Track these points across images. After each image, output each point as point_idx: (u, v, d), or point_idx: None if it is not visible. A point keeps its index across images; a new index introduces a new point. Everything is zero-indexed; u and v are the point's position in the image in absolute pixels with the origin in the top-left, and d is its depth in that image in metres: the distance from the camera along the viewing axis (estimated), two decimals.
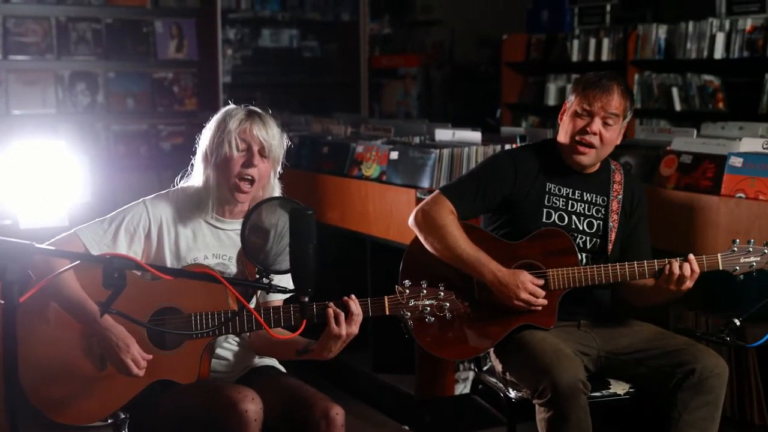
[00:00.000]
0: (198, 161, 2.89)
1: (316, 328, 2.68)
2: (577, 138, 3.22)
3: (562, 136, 3.29)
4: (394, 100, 9.68)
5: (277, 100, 7.89)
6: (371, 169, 4.61)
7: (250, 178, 2.80)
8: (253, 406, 2.57)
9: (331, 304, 2.66)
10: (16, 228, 3.84)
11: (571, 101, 3.26)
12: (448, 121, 5.32)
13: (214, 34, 7.58)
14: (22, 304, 1.85)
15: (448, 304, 2.75)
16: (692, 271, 3.07)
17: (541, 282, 3.14)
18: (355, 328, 2.67)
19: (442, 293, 2.75)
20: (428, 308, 2.73)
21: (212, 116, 2.93)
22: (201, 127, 2.97)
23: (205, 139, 2.87)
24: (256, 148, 2.80)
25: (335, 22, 8.68)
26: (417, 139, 4.85)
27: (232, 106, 2.89)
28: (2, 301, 1.82)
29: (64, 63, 7.19)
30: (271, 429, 2.75)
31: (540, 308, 3.15)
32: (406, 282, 2.75)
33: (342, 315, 2.65)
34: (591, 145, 3.22)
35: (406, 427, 4.39)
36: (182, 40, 7.63)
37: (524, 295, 3.12)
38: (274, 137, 2.83)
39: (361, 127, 5.31)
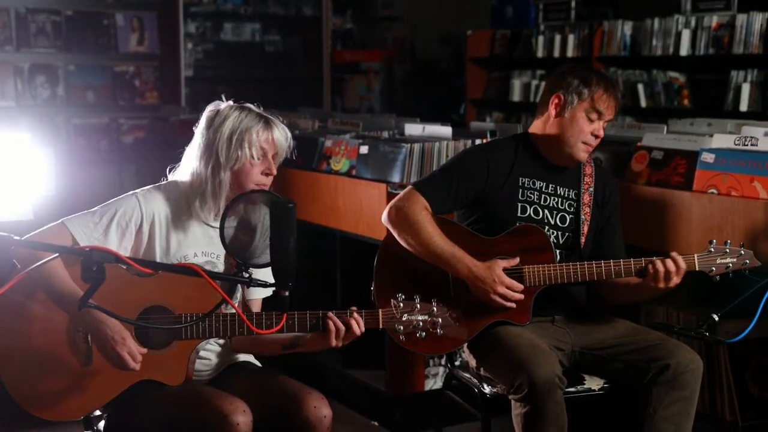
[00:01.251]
0: (196, 158, 2.82)
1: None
2: (583, 138, 3.22)
3: (564, 134, 3.24)
4: (356, 95, 9.68)
5: (240, 94, 7.83)
6: (340, 164, 4.58)
7: (265, 185, 2.80)
8: (243, 418, 2.55)
9: (332, 316, 2.68)
10: None
11: (580, 96, 3.21)
12: (412, 116, 5.30)
13: (176, 28, 7.56)
14: (2, 296, 1.80)
15: (440, 320, 2.76)
16: (678, 267, 3.07)
17: (517, 261, 3.15)
18: (349, 340, 2.72)
19: (435, 308, 2.76)
20: (421, 323, 2.76)
21: (174, 109, 2.87)
22: (163, 120, 2.91)
23: (213, 138, 2.79)
24: (271, 154, 2.81)
25: (298, 16, 8.68)
26: (386, 134, 4.82)
27: (232, 104, 2.84)
28: None
29: (23, 55, 7.13)
30: (255, 425, 2.70)
31: (514, 304, 3.14)
32: (400, 296, 2.76)
33: (343, 330, 2.68)
34: (592, 144, 3.26)
35: (376, 423, 4.38)
36: (143, 33, 7.59)
37: (501, 289, 3.10)
38: (287, 143, 2.85)
39: (329, 122, 5.28)
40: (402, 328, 2.75)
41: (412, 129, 4.68)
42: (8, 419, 2.12)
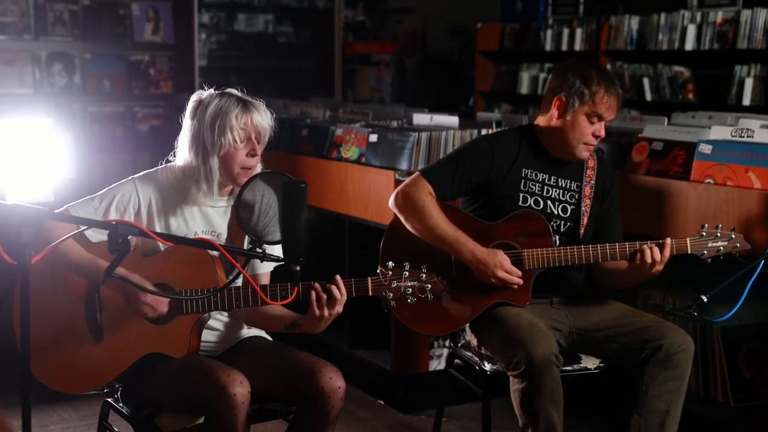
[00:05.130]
0: (186, 145, 2.91)
1: (306, 304, 2.78)
2: (585, 140, 3.30)
3: (566, 134, 3.31)
4: (367, 87, 9.74)
5: (252, 84, 7.93)
6: (350, 152, 4.69)
7: (252, 166, 2.87)
8: (240, 389, 2.63)
9: (316, 285, 2.73)
10: None
11: (580, 98, 3.26)
12: (421, 107, 5.40)
13: (191, 18, 7.60)
14: (35, 265, 1.93)
15: (429, 286, 2.82)
16: (662, 255, 3.17)
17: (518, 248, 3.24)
18: (338, 308, 2.75)
19: (424, 275, 2.81)
20: (410, 289, 2.81)
21: (188, 98, 2.96)
22: (177, 109, 3.01)
23: (198, 126, 2.86)
24: (254, 136, 2.87)
25: (310, 8, 8.73)
26: (395, 123, 4.93)
27: (213, 92, 2.91)
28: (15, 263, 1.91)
29: (41, 44, 7.19)
30: (268, 398, 2.83)
31: (516, 287, 3.25)
32: (390, 263, 2.82)
33: (324, 298, 2.72)
34: (593, 144, 3.34)
35: (381, 402, 4.48)
36: (158, 23, 7.65)
37: (501, 274, 3.21)
38: (269, 124, 2.91)
39: (339, 111, 5.39)
40: (391, 294, 2.79)
41: (420, 119, 4.78)
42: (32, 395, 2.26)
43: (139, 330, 2.77)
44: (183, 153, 2.93)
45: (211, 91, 2.92)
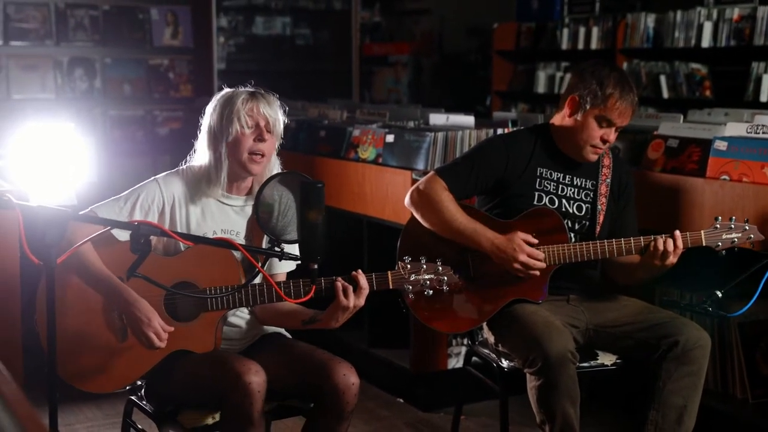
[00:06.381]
0: (202, 142, 3.00)
1: (323, 301, 2.82)
2: (592, 143, 3.32)
3: (575, 134, 3.33)
4: (384, 87, 9.77)
5: (270, 86, 7.97)
6: (367, 152, 4.73)
7: (261, 153, 2.92)
8: (256, 378, 2.68)
9: (339, 278, 2.79)
10: None
11: (592, 101, 3.27)
12: (438, 107, 5.43)
13: (209, 22, 7.65)
14: (59, 265, 1.98)
15: (445, 278, 2.88)
16: (675, 246, 3.19)
17: (536, 242, 3.25)
18: (361, 300, 2.81)
19: (440, 268, 2.88)
20: (428, 282, 2.87)
21: (207, 101, 3.05)
22: (197, 112, 3.08)
23: (210, 119, 2.98)
24: (263, 124, 2.93)
25: (327, 10, 8.77)
26: (411, 124, 4.96)
27: (230, 89, 3.01)
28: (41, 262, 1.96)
29: (62, 49, 7.27)
30: (286, 394, 2.88)
31: (538, 272, 3.25)
32: (407, 258, 2.88)
33: (350, 288, 2.78)
34: (601, 148, 3.35)
35: (401, 400, 4.51)
36: (177, 28, 7.70)
37: (523, 257, 3.21)
38: (277, 113, 2.97)
39: (357, 112, 5.42)
40: (410, 287, 2.87)
41: (437, 119, 4.81)
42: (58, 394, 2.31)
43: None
44: (200, 150, 3.02)
45: (229, 89, 3.02)
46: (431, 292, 2.88)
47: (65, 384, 2.84)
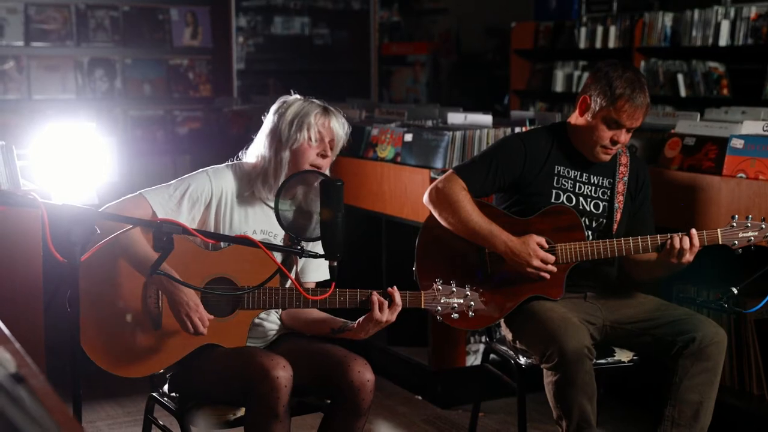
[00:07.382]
0: (263, 140, 3.03)
1: (351, 311, 2.88)
2: (602, 143, 3.34)
3: (586, 134, 3.36)
4: (403, 87, 9.80)
5: (289, 86, 8.02)
6: (386, 151, 4.76)
7: (320, 167, 2.97)
8: (284, 373, 2.72)
9: (375, 292, 2.85)
10: None
11: (601, 102, 3.29)
12: (456, 107, 5.45)
13: (228, 22, 7.71)
14: (83, 263, 2.02)
15: (473, 304, 2.94)
16: (692, 244, 3.20)
17: (547, 246, 3.28)
18: (393, 316, 2.87)
19: (468, 293, 2.94)
20: (456, 306, 2.93)
21: (227, 101, 3.08)
22: (216, 112, 3.12)
23: (278, 122, 3.00)
24: (327, 140, 3.00)
25: (346, 10, 8.79)
26: (430, 123, 4.99)
27: (298, 97, 3.06)
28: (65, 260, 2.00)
29: (83, 50, 7.35)
30: (304, 391, 2.91)
31: (549, 276, 3.29)
32: (438, 280, 2.94)
33: (386, 303, 2.84)
34: (611, 149, 3.37)
35: (419, 397, 4.54)
36: (197, 28, 7.76)
37: (536, 262, 3.25)
38: (344, 132, 3.04)
39: (375, 112, 5.46)
40: (440, 309, 2.92)
41: (455, 118, 4.84)
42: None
43: None
44: (257, 148, 3.05)
45: (297, 95, 3.07)
46: (457, 316, 2.95)
47: (87, 381, 2.88)
